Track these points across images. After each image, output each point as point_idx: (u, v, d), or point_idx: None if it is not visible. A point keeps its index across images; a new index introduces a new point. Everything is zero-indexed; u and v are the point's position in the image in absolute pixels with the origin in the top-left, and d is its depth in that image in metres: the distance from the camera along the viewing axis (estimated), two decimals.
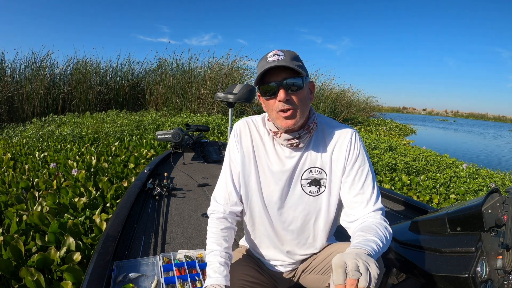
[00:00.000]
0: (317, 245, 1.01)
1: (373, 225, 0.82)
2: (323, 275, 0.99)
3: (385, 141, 6.90)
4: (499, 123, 48.78)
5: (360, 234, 0.78)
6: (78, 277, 1.43)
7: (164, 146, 4.81)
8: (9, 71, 8.89)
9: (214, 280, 0.83)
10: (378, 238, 0.76)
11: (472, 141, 15.11)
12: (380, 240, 0.75)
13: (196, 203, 2.07)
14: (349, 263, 0.60)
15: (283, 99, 0.82)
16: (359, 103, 15.61)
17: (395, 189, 3.63)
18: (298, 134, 0.89)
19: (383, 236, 0.78)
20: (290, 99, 0.83)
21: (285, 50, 0.84)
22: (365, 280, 0.58)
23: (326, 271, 0.98)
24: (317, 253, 1.03)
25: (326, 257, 0.99)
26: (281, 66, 0.80)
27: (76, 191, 2.61)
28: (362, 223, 0.86)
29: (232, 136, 0.99)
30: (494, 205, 0.94)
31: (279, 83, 0.82)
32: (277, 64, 0.80)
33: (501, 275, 0.88)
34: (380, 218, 0.86)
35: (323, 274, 0.99)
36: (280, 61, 0.80)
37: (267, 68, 0.81)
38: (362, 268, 0.59)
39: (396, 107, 70.82)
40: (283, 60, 0.81)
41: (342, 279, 0.58)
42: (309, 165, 0.93)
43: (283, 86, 0.82)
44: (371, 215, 0.87)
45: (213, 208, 0.99)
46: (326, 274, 0.98)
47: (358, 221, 0.88)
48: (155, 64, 11.03)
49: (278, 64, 0.80)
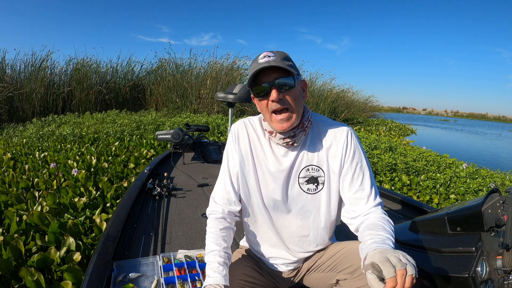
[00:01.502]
0: (319, 242, 1.01)
1: (379, 221, 0.84)
2: (330, 273, 0.99)
3: (385, 141, 6.90)
4: (499, 123, 48.75)
5: (372, 232, 0.80)
6: (78, 277, 1.43)
7: (164, 146, 4.81)
8: (9, 71, 8.91)
9: (213, 280, 0.83)
10: (389, 234, 0.79)
11: (473, 141, 15.10)
12: (391, 236, 0.79)
13: (196, 203, 2.07)
14: (391, 258, 0.63)
15: (275, 99, 0.84)
16: (359, 103, 15.61)
17: (395, 189, 3.63)
18: (292, 132, 0.90)
19: (390, 231, 0.81)
20: (282, 99, 0.85)
21: (275, 51, 0.86)
22: (412, 268, 0.61)
23: (332, 268, 0.98)
24: (321, 252, 1.04)
25: (333, 255, 0.99)
26: (272, 66, 0.82)
27: (76, 191, 2.61)
28: (366, 220, 0.88)
29: (230, 137, 1.00)
30: (494, 205, 0.94)
31: (271, 83, 0.84)
32: (268, 65, 0.81)
33: (501, 275, 0.88)
34: (382, 213, 0.89)
35: (330, 271, 0.99)
36: (271, 62, 0.82)
37: (259, 69, 0.82)
38: (404, 259, 0.63)
39: (396, 107, 70.87)
40: (273, 60, 0.82)
41: (393, 271, 0.61)
42: (306, 163, 0.94)
43: (275, 86, 0.84)
44: (373, 210, 0.89)
45: (212, 208, 0.99)
46: (333, 272, 0.98)
47: (360, 217, 0.90)
48: (155, 65, 11.06)
49: (269, 64, 0.81)
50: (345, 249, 0.97)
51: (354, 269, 0.91)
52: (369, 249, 0.72)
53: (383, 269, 0.62)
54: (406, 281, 0.60)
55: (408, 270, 0.61)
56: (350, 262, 0.93)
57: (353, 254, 0.93)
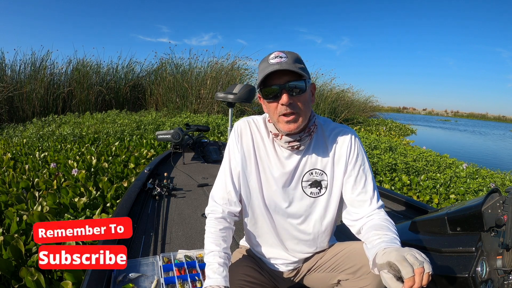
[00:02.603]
0: (318, 245, 1.01)
1: (383, 222, 0.85)
2: (331, 273, 0.99)
3: (385, 141, 6.90)
4: (499, 123, 48.68)
5: (378, 232, 0.81)
6: (78, 277, 1.43)
7: (164, 146, 4.81)
8: (9, 71, 8.90)
9: (213, 281, 0.83)
10: (395, 234, 0.80)
11: (473, 141, 15.07)
12: (397, 236, 0.80)
13: (196, 203, 2.07)
14: (407, 256, 0.64)
15: (286, 103, 0.81)
16: (359, 103, 15.60)
17: (395, 189, 3.63)
18: (299, 136, 0.89)
19: (396, 231, 0.82)
20: (293, 103, 0.83)
21: (287, 51, 0.84)
22: (429, 265, 0.62)
23: (334, 269, 0.98)
24: (321, 252, 1.04)
25: (334, 256, 0.99)
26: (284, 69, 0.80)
27: (76, 191, 2.61)
28: (369, 221, 0.88)
29: (233, 135, 0.98)
30: (494, 205, 0.94)
31: (282, 86, 0.82)
32: (280, 68, 0.79)
33: (501, 275, 0.88)
34: (385, 215, 0.89)
35: (331, 271, 0.99)
36: (283, 64, 0.80)
37: (270, 71, 0.80)
38: (420, 258, 0.63)
39: (396, 107, 70.87)
40: (285, 62, 0.80)
41: (412, 270, 0.61)
42: (310, 167, 0.93)
43: (286, 89, 0.81)
44: (376, 212, 0.89)
45: (212, 208, 0.98)
46: (334, 272, 0.98)
47: (363, 219, 0.90)
48: (156, 65, 11.05)
49: (281, 67, 0.79)
50: (347, 250, 0.97)
51: (356, 269, 0.91)
52: (379, 248, 0.73)
53: (401, 269, 0.62)
54: (424, 279, 0.60)
55: (426, 268, 0.61)
56: (352, 262, 0.92)
57: (355, 254, 0.93)
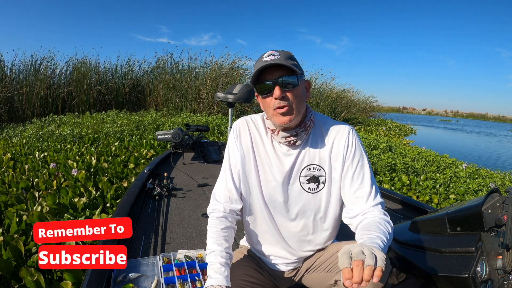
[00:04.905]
0: (318, 242, 1.01)
1: (374, 221, 0.84)
2: (329, 273, 0.99)
3: (385, 141, 6.90)
4: (499, 123, 48.71)
5: (363, 232, 0.79)
6: (78, 277, 1.43)
7: (164, 146, 4.81)
8: (9, 71, 8.90)
9: (215, 281, 0.83)
10: (381, 233, 0.77)
11: (474, 141, 15.06)
12: (384, 235, 0.77)
13: (196, 203, 2.07)
14: (354, 250, 0.63)
15: (278, 96, 0.85)
16: (359, 103, 15.62)
17: (395, 189, 3.63)
18: (295, 131, 0.91)
19: (385, 231, 0.80)
20: (285, 97, 0.86)
21: (280, 50, 0.87)
22: (371, 259, 0.60)
23: (331, 269, 0.98)
24: (321, 251, 1.04)
25: (332, 255, 0.99)
26: (276, 64, 0.83)
27: (76, 191, 2.60)
28: (363, 220, 0.87)
29: (232, 134, 1.00)
30: (494, 205, 0.94)
31: (274, 81, 0.85)
32: (272, 63, 0.83)
33: (501, 275, 0.88)
34: (380, 213, 0.87)
35: (329, 271, 0.99)
36: (275, 60, 0.83)
37: (263, 66, 0.83)
38: (366, 252, 0.62)
39: (396, 107, 70.89)
40: (278, 59, 0.84)
41: (348, 263, 0.61)
42: (308, 163, 0.94)
43: (278, 83, 0.85)
44: (371, 210, 0.88)
45: (213, 207, 0.99)
46: (332, 272, 0.98)
47: (358, 217, 0.89)
48: (154, 63, 11.03)
49: (273, 62, 0.83)
50: None
51: None
52: None
53: (339, 260, 0.63)
54: (364, 273, 0.59)
55: (366, 261, 0.60)
56: None
57: None
